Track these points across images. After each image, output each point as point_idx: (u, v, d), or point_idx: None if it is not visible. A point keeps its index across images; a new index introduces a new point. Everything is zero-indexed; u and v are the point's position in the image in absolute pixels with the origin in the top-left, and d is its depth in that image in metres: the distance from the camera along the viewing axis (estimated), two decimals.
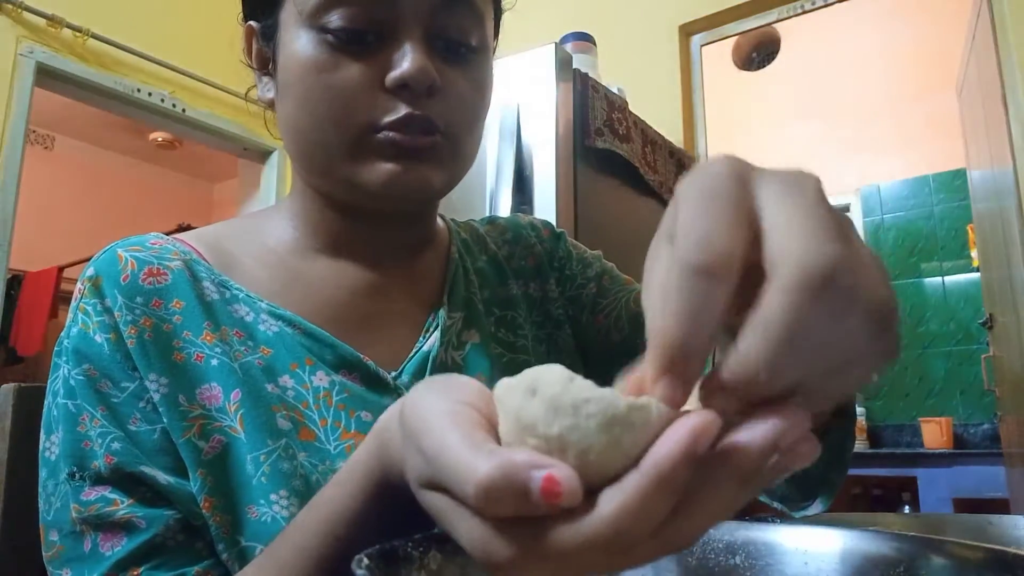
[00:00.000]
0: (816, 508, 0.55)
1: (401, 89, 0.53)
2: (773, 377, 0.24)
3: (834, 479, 0.53)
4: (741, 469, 0.24)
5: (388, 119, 0.53)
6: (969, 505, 3.20)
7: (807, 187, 0.26)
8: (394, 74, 0.52)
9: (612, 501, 0.23)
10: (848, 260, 0.24)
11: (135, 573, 0.46)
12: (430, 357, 0.58)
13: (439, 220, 0.69)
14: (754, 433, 0.24)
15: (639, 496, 0.23)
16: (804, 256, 0.24)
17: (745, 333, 0.24)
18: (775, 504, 0.55)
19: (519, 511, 0.24)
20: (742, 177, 0.26)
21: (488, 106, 0.60)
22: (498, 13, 0.63)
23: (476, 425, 0.27)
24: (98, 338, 0.51)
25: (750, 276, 0.25)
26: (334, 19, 0.52)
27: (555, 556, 0.24)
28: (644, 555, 0.25)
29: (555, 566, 0.24)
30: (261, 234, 0.62)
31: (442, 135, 0.55)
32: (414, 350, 0.59)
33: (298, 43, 0.54)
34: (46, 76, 2.80)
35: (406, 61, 0.52)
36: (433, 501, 0.27)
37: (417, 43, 0.53)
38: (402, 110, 0.53)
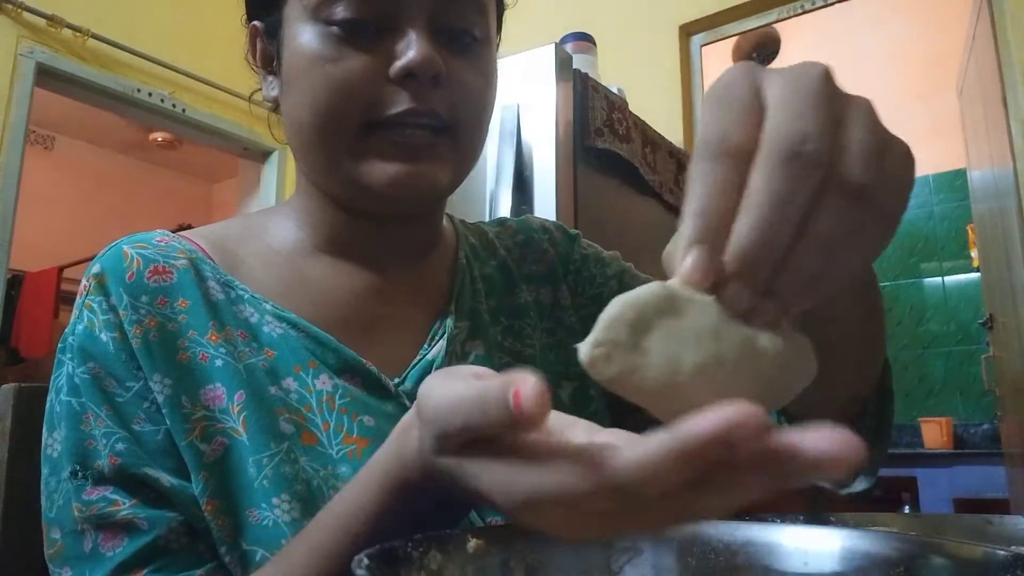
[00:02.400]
0: (861, 484, 0.55)
1: (407, 79, 0.52)
2: (764, 250, 0.27)
3: (877, 454, 0.53)
4: (784, 468, 0.23)
5: (391, 112, 0.52)
6: (969, 505, 3.20)
7: (806, 74, 0.29)
8: (399, 63, 0.52)
9: (631, 454, 0.23)
10: (820, 134, 0.27)
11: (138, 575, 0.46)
12: (434, 366, 0.57)
13: (446, 220, 0.68)
14: (807, 440, 0.22)
15: (657, 459, 0.23)
16: (774, 133, 0.27)
17: (738, 213, 0.27)
18: (824, 484, 0.54)
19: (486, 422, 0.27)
20: (751, 78, 0.30)
21: (494, 98, 0.60)
22: (500, 8, 0.62)
23: (475, 373, 0.31)
24: (103, 336, 0.51)
25: None
26: (338, 10, 0.52)
27: (566, 500, 0.25)
28: (658, 521, 0.26)
29: (566, 513, 0.26)
30: (265, 234, 0.61)
31: (447, 129, 0.54)
32: (418, 357, 0.58)
33: (302, 37, 0.54)
34: (46, 76, 2.81)
35: (411, 50, 0.52)
36: (451, 461, 0.30)
37: (422, 32, 0.52)
38: (406, 103, 0.52)
